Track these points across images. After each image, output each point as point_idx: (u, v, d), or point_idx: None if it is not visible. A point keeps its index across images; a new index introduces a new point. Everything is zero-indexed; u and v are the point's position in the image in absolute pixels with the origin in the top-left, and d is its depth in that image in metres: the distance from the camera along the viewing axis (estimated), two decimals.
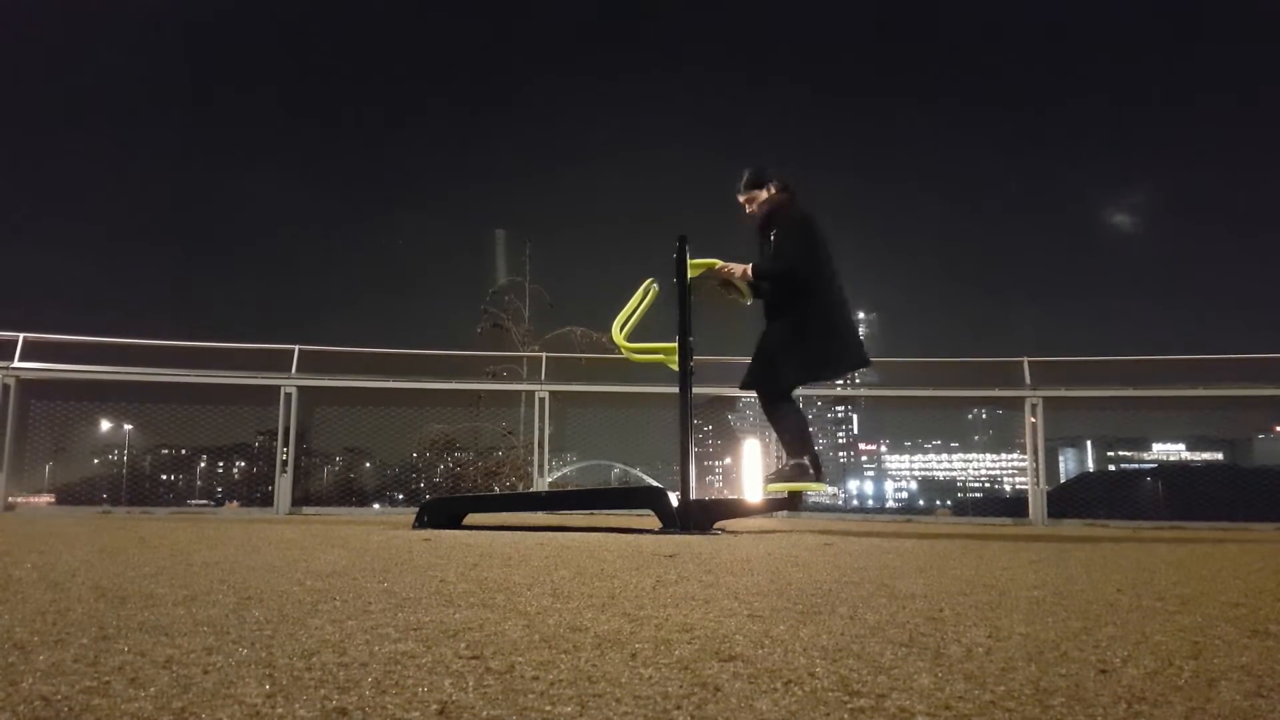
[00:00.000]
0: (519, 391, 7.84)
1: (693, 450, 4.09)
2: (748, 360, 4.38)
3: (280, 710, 0.85)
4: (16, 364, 6.93)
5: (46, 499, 7.28)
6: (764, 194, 4.39)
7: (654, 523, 4.06)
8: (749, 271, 4.28)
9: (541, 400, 7.34)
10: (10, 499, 6.79)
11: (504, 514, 5.17)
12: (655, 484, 4.29)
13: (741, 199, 4.43)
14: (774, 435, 4.37)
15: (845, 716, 0.86)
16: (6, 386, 6.86)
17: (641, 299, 4.52)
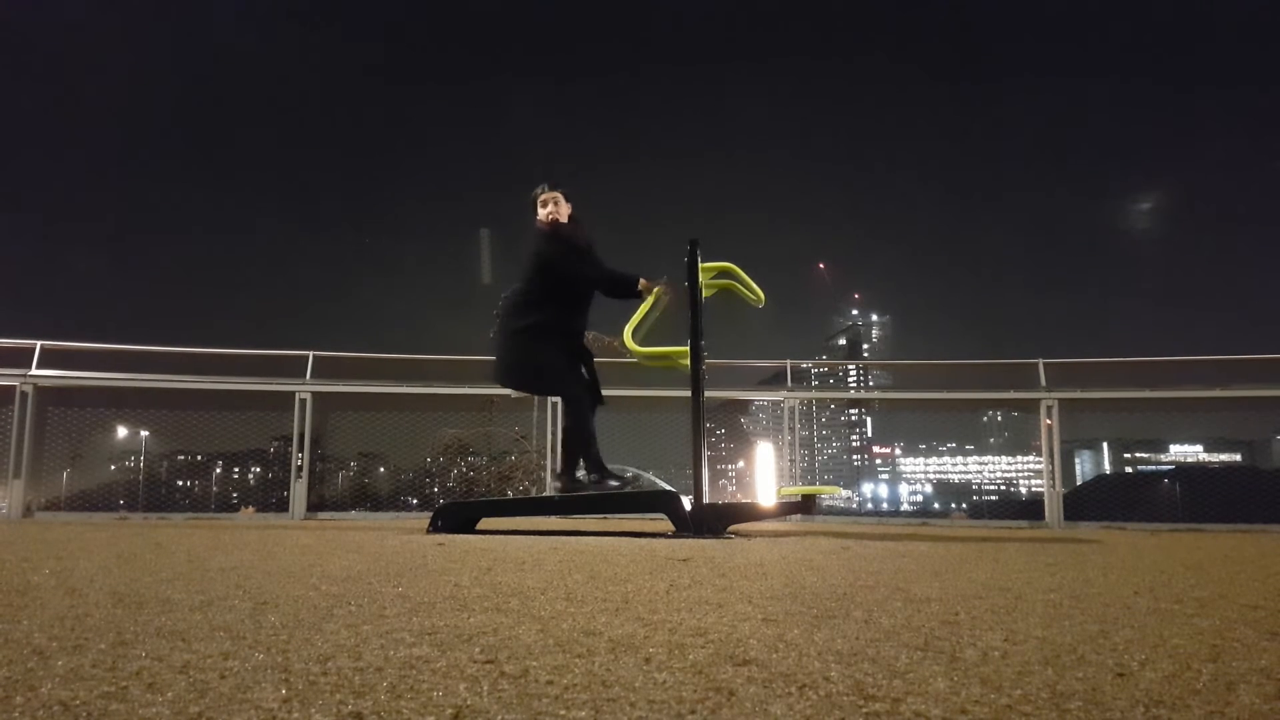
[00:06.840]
0: (532, 395, 7.83)
1: (705, 454, 4.08)
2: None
3: (296, 715, 0.86)
4: (34, 371, 7.00)
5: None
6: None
7: (667, 527, 4.06)
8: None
9: (554, 404, 7.35)
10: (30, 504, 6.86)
11: (517, 518, 5.17)
12: (668, 488, 4.28)
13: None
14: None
15: None
16: (24, 394, 6.94)
17: (653, 303, 4.52)
